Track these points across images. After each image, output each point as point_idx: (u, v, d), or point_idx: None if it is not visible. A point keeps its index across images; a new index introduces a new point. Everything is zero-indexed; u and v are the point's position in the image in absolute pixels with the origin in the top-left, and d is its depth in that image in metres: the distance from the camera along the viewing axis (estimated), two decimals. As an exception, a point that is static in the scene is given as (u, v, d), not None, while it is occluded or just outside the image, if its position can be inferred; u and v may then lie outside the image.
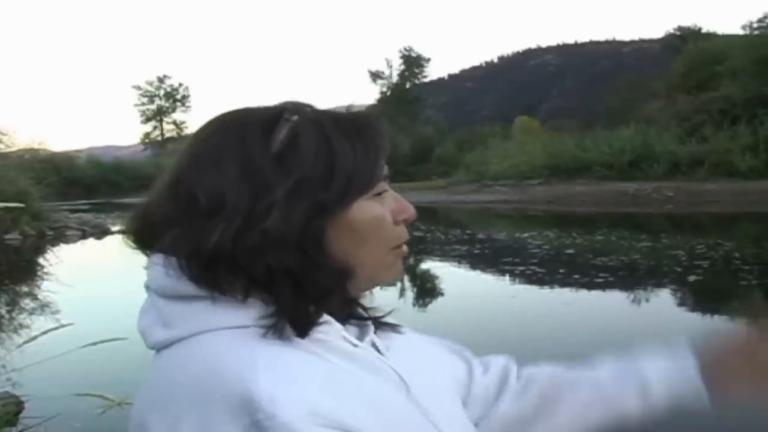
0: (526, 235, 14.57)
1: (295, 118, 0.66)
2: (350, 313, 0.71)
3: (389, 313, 0.78)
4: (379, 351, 0.70)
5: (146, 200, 0.68)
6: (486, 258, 11.78)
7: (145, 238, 0.67)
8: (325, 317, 0.65)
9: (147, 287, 0.67)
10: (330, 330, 0.64)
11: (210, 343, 0.60)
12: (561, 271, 9.82)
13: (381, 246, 0.68)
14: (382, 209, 0.69)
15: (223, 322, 0.61)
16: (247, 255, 0.60)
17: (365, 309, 0.74)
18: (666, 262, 9.99)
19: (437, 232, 14.98)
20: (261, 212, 0.61)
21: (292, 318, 0.62)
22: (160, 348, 0.64)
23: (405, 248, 0.72)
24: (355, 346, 0.67)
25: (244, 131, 0.65)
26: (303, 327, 0.62)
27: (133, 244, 0.68)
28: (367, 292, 0.75)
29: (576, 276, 9.23)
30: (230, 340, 0.60)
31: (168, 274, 0.63)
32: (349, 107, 0.72)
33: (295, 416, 0.55)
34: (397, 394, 0.67)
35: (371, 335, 0.72)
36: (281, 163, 0.63)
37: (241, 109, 0.69)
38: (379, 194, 0.69)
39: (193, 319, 0.62)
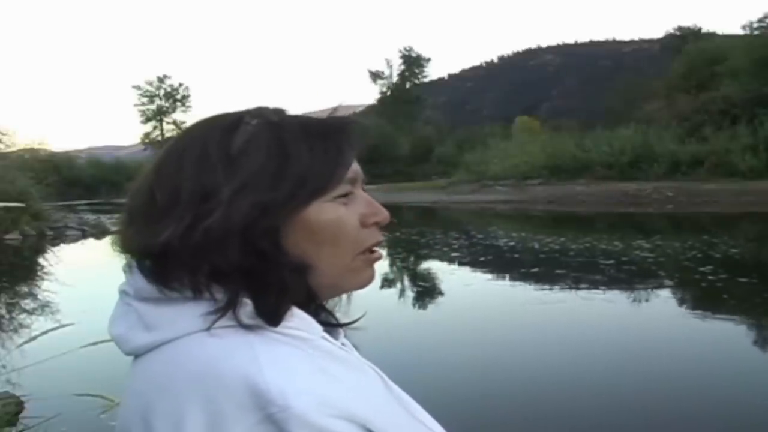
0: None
1: (254, 122, 0.67)
2: (320, 319, 0.71)
3: (359, 319, 0.77)
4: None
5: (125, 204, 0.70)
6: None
7: (122, 242, 0.68)
8: (306, 317, 0.65)
9: (123, 292, 0.67)
10: (311, 329, 0.65)
11: (203, 344, 0.60)
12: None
13: (346, 249, 0.68)
14: (346, 211, 0.68)
15: (208, 322, 0.61)
16: (191, 252, 0.61)
17: (334, 316, 0.75)
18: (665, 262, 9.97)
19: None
20: (207, 211, 0.62)
21: (260, 312, 0.62)
22: (141, 353, 0.64)
23: (378, 253, 0.71)
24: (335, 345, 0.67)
25: (206, 135, 0.67)
26: (272, 320, 0.62)
27: (118, 249, 0.69)
28: (341, 299, 0.75)
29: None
30: (222, 339, 0.60)
31: (135, 275, 0.64)
32: (333, 110, 0.72)
33: (307, 407, 0.56)
34: (383, 390, 0.68)
35: (342, 339, 0.73)
36: (233, 165, 0.64)
37: (208, 117, 0.71)
38: (344, 196, 0.68)
39: (178, 321, 0.62)
